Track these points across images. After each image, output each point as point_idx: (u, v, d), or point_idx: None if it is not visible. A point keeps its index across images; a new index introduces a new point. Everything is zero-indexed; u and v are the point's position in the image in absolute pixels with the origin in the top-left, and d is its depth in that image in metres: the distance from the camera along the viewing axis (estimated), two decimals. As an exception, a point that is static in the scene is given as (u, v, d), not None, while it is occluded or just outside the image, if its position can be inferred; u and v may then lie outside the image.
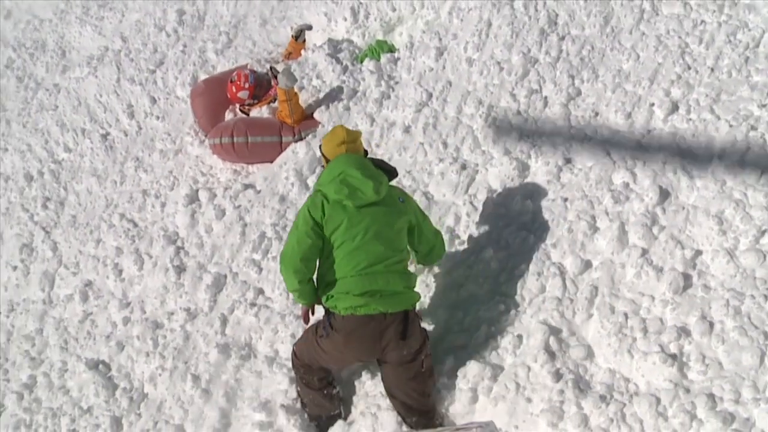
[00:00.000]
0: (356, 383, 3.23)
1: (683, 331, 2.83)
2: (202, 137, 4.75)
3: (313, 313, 3.07)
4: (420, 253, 3.23)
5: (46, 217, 4.85)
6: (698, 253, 3.07)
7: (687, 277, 3.00)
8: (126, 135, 5.25)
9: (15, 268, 4.60)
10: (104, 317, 4.01)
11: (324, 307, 2.93)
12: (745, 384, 2.60)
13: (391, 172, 3.15)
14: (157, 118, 5.26)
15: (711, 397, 2.60)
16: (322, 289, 2.94)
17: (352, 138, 3.07)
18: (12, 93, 6.40)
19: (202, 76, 5.31)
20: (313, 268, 2.93)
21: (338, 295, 2.86)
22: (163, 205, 4.49)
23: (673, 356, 2.77)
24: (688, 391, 2.67)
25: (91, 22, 6.77)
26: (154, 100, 5.40)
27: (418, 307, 3.12)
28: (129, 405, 3.49)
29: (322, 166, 3.17)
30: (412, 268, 3.28)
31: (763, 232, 3.00)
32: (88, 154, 5.19)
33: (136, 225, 4.45)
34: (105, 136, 5.31)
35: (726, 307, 2.82)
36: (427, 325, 3.28)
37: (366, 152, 3.17)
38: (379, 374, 3.03)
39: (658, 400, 2.68)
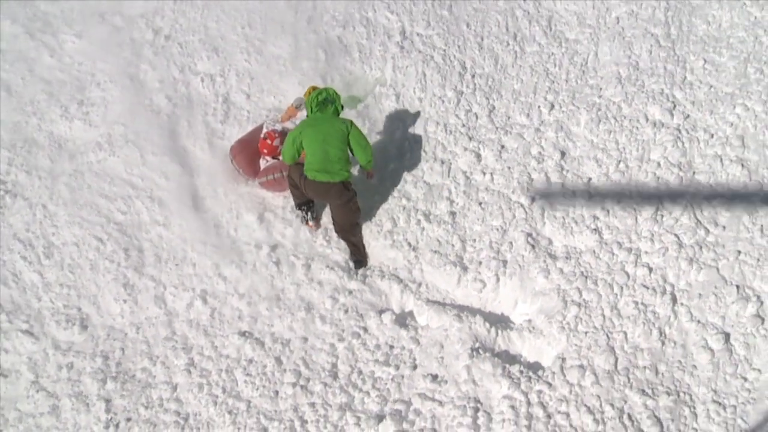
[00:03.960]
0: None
1: (594, 217, 5.36)
2: (245, 180, 6.57)
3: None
4: (357, 155, 5.63)
5: (132, 263, 6.15)
6: (590, 179, 5.65)
7: (589, 192, 5.55)
8: (170, 192, 6.77)
9: (125, 301, 5.88)
10: (229, 308, 5.62)
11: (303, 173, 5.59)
12: (632, 233, 5.16)
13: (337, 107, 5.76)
14: (191, 176, 6.85)
15: (619, 244, 5.13)
16: (304, 167, 5.60)
17: (316, 90, 5.82)
18: (27, 186, 7.29)
19: (217, 141, 7.08)
20: (296, 156, 5.62)
21: (309, 170, 5.50)
22: (236, 229, 6.17)
23: (594, 230, 5.29)
24: (607, 243, 5.18)
25: (77, 116, 7.98)
26: (182, 165, 6.98)
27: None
28: (282, 348, 5.24)
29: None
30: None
31: (619, 162, 5.64)
32: (144, 212, 6.59)
33: (219, 248, 6.10)
34: (151, 197, 6.78)
35: (611, 196, 5.40)
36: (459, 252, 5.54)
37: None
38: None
39: (594, 252, 5.16)
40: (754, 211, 5.07)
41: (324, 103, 5.69)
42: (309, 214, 6.05)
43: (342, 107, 5.87)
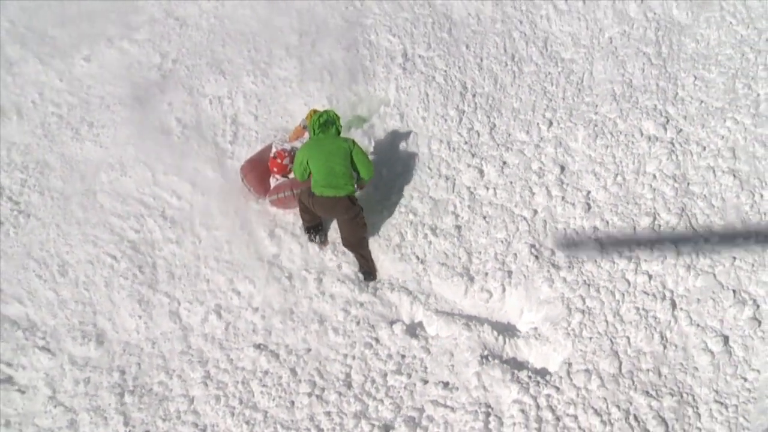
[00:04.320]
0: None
1: (595, 227, 5.59)
2: (255, 198, 6.76)
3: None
4: (361, 171, 5.90)
5: (146, 279, 6.33)
6: (588, 192, 5.89)
7: (588, 204, 5.79)
8: (182, 211, 6.97)
9: (140, 317, 6.04)
10: (243, 322, 5.78)
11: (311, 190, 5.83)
12: (632, 242, 5.39)
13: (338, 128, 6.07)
14: (202, 195, 7.01)
15: (619, 253, 5.35)
16: (311, 183, 5.84)
17: (318, 113, 6.07)
18: (40, 206, 7.45)
19: (227, 161, 7.29)
20: (305, 175, 5.90)
21: (315, 186, 5.75)
22: (248, 246, 6.37)
23: (595, 240, 5.51)
24: (608, 253, 5.39)
25: (88, 138, 8.19)
26: (193, 184, 7.17)
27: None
28: (297, 359, 5.40)
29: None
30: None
31: (616, 176, 5.89)
32: (157, 230, 6.76)
33: (232, 264, 6.29)
34: (164, 215, 6.97)
35: (610, 207, 5.63)
36: (465, 262, 5.74)
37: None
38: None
39: (596, 261, 5.37)
40: (747, 219, 5.31)
41: (326, 124, 5.98)
42: (317, 237, 6.28)
43: (341, 127, 6.13)
